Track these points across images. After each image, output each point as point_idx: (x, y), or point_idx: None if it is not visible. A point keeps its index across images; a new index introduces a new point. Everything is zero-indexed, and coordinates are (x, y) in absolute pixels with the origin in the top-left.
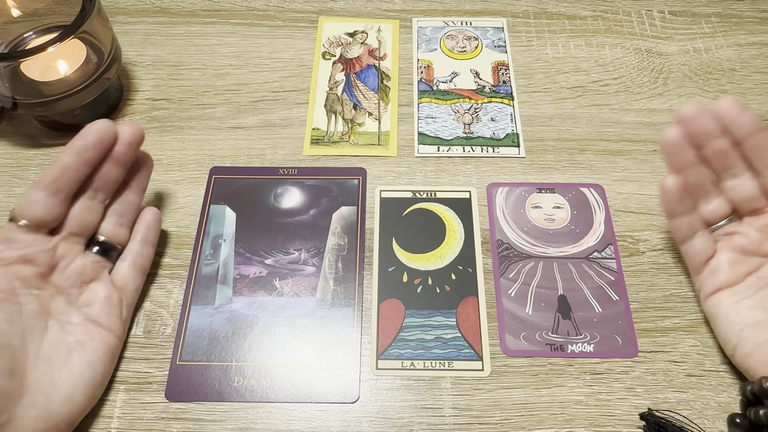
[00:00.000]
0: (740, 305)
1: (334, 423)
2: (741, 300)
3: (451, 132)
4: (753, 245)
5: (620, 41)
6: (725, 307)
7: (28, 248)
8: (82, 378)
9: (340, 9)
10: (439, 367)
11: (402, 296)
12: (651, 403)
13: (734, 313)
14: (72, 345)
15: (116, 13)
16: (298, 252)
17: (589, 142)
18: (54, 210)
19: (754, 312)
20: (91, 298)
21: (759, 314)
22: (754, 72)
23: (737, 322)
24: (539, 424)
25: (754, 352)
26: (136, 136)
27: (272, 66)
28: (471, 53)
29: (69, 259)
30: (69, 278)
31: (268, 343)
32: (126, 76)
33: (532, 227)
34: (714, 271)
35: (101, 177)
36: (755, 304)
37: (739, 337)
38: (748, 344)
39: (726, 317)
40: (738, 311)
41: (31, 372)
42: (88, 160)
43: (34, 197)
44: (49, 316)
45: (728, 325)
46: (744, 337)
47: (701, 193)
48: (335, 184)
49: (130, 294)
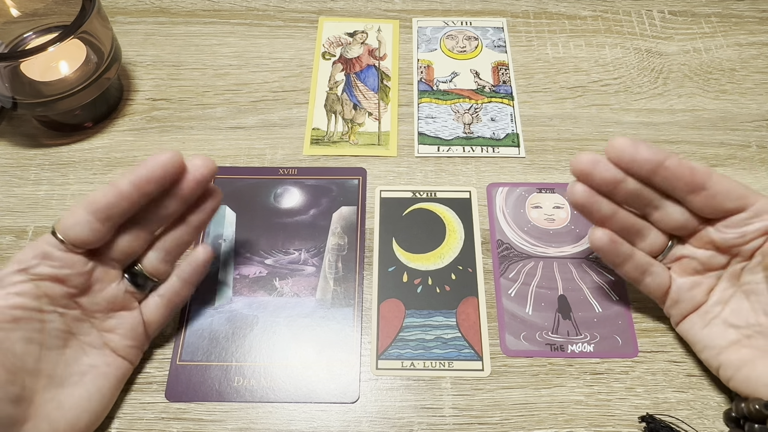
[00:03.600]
0: (711, 327)
1: (334, 423)
2: (711, 320)
3: (451, 132)
4: (703, 263)
5: (620, 41)
6: (698, 333)
7: (64, 268)
8: (89, 404)
9: (340, 9)
10: (439, 367)
11: (402, 296)
12: (651, 402)
13: (708, 336)
14: (86, 368)
15: (116, 13)
16: (298, 252)
17: (589, 142)
18: (99, 236)
19: (726, 332)
20: (115, 324)
21: (731, 334)
22: (754, 72)
23: (713, 346)
24: (539, 424)
25: (735, 376)
26: (206, 173)
27: (272, 66)
28: (471, 53)
29: (103, 284)
30: (98, 303)
31: (268, 343)
32: (126, 76)
33: (532, 227)
34: (676, 301)
35: (158, 210)
36: (724, 323)
37: (719, 362)
38: (729, 368)
39: (702, 342)
40: (710, 334)
41: (39, 395)
42: (147, 194)
43: (81, 218)
44: (70, 336)
45: (706, 350)
46: (723, 362)
47: (633, 234)
48: (335, 184)
49: (155, 329)
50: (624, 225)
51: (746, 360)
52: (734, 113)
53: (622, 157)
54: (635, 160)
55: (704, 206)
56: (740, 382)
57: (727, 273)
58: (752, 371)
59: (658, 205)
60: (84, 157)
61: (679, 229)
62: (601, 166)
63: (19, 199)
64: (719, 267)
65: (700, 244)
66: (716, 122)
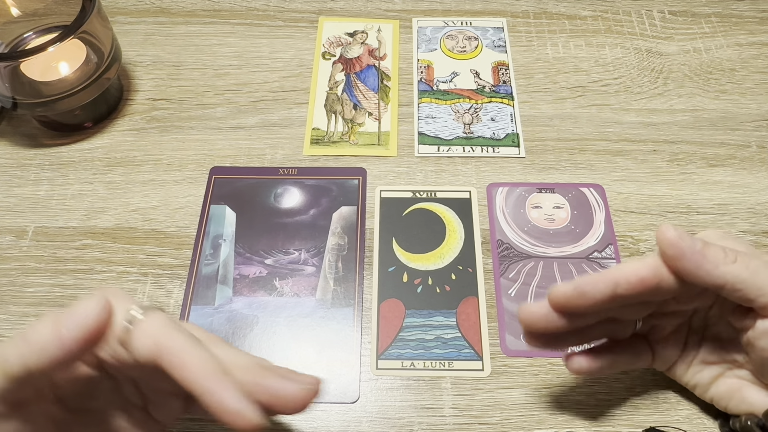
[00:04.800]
0: (693, 368)
1: (334, 423)
2: (691, 363)
3: (451, 132)
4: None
5: (620, 41)
6: (684, 376)
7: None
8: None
9: (340, 9)
10: (439, 367)
11: (402, 296)
12: (651, 402)
13: (694, 377)
14: None
15: (116, 13)
16: (298, 252)
17: (589, 142)
18: None
19: (708, 370)
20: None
21: (713, 370)
22: (754, 72)
23: (701, 384)
24: (539, 424)
25: (729, 405)
26: None
27: (272, 66)
28: (471, 53)
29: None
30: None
31: (268, 343)
32: (126, 76)
33: (532, 227)
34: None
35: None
36: (702, 362)
37: (711, 396)
38: (722, 400)
39: (691, 382)
40: (695, 375)
41: None
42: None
43: None
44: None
45: (696, 388)
46: (714, 395)
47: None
48: (335, 184)
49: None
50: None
51: (735, 389)
52: (734, 113)
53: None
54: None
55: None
56: (736, 408)
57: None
58: (745, 398)
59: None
60: (84, 157)
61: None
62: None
63: (19, 199)
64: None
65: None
66: (716, 122)
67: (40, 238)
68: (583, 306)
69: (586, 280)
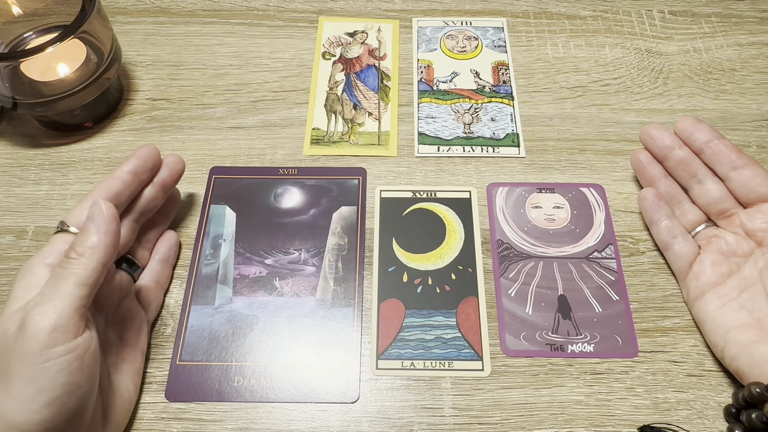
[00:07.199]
0: (725, 308)
1: (334, 423)
2: (726, 303)
3: (451, 132)
4: (730, 246)
5: (620, 41)
6: (712, 311)
7: None
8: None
9: (340, 9)
10: (439, 367)
11: (402, 296)
12: (651, 402)
13: (720, 316)
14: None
15: (116, 13)
16: (298, 252)
17: (589, 142)
18: None
19: (738, 314)
20: (121, 316)
21: (743, 316)
22: (754, 72)
23: (723, 325)
24: (539, 424)
25: (739, 355)
26: (181, 165)
27: (272, 66)
28: (471, 53)
29: (109, 276)
30: (108, 296)
31: (268, 343)
32: (126, 76)
33: (532, 227)
34: (697, 274)
35: (147, 200)
36: (739, 306)
37: (726, 340)
38: (734, 347)
39: (713, 321)
40: (723, 314)
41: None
42: (142, 182)
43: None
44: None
45: (715, 328)
46: (729, 340)
47: (674, 202)
48: (335, 184)
49: (153, 312)
50: (668, 190)
51: (752, 341)
52: (734, 113)
53: (685, 129)
54: (693, 133)
55: (741, 186)
56: (743, 361)
57: (750, 261)
58: (756, 350)
59: (701, 179)
60: (84, 157)
61: (713, 204)
62: (664, 132)
63: (19, 199)
64: (744, 254)
65: (730, 228)
66: (716, 122)
67: (40, 238)
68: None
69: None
